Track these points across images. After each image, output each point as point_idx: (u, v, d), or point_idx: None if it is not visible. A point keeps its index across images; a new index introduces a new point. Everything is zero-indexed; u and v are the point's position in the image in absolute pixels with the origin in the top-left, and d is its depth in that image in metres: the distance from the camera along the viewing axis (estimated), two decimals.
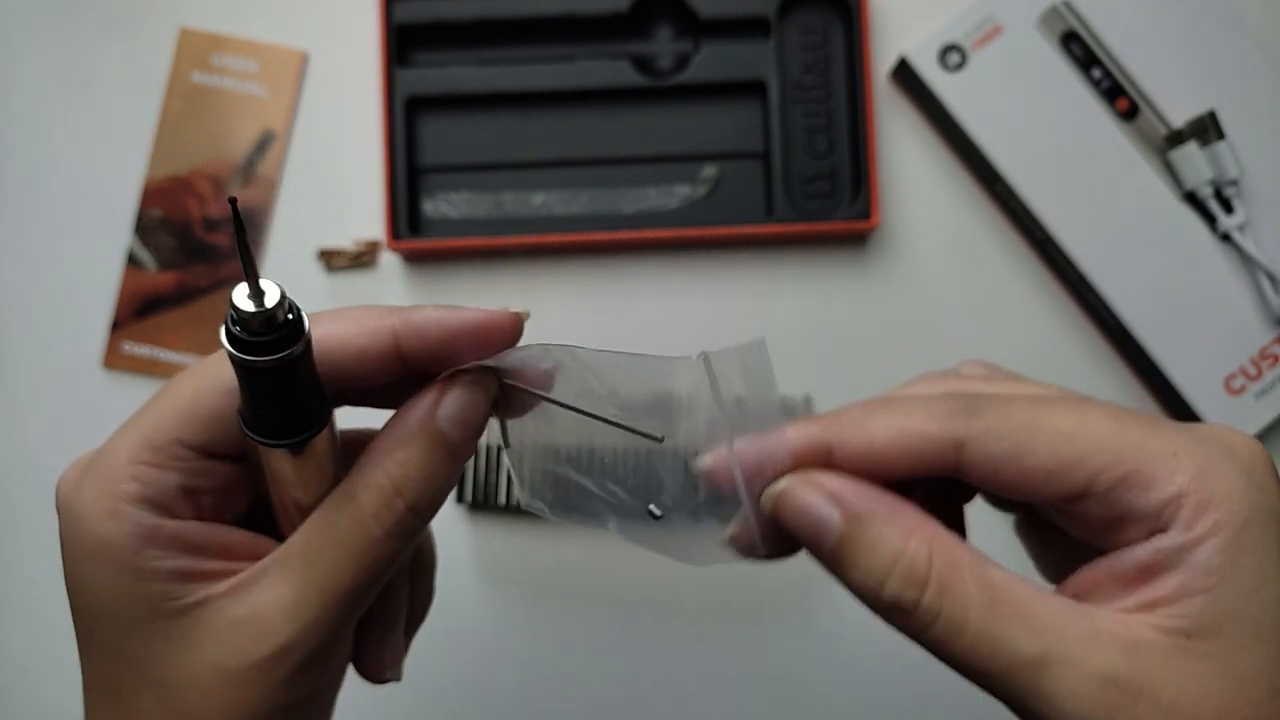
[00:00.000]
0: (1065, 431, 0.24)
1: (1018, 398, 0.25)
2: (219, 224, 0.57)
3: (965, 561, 0.24)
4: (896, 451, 0.25)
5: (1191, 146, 0.53)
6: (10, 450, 0.57)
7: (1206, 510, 0.23)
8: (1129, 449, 0.23)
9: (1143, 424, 0.24)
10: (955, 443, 0.24)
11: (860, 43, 0.54)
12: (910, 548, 0.24)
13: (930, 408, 0.25)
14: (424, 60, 0.56)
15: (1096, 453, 0.23)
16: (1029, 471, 0.24)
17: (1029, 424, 0.24)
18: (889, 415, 0.25)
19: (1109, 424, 0.24)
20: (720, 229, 0.54)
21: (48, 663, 0.56)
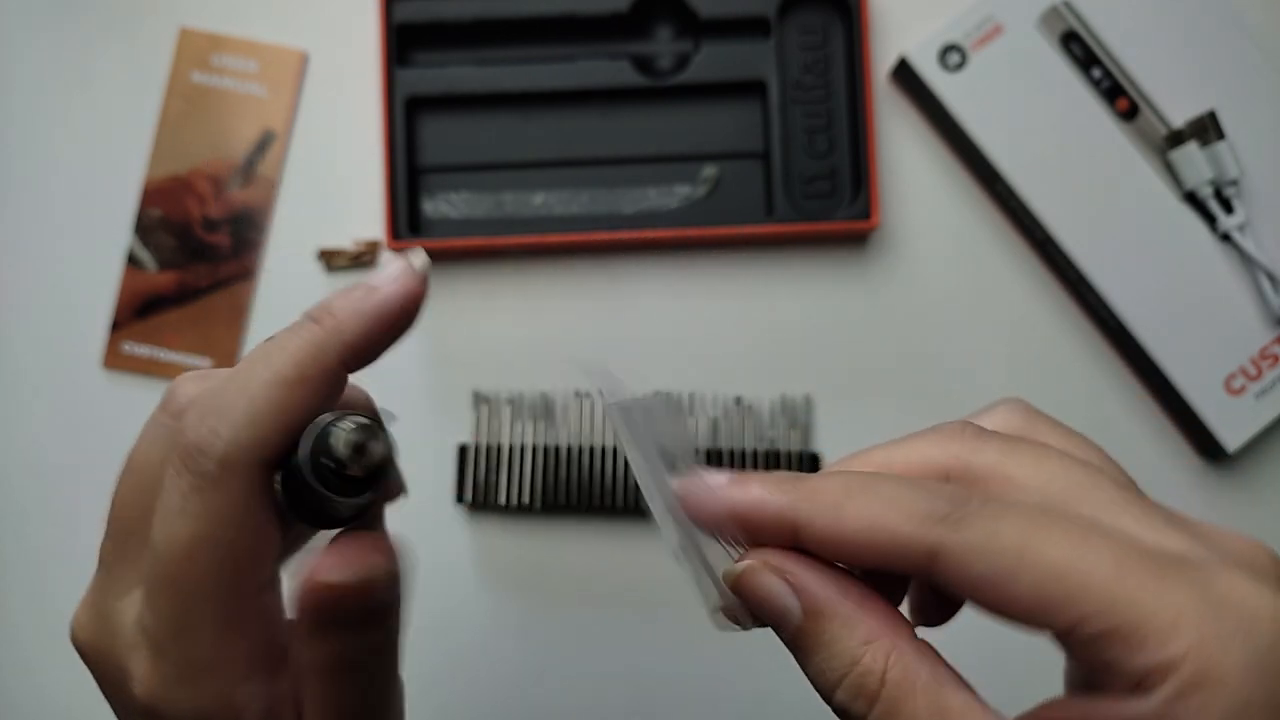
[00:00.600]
0: (1056, 566, 0.21)
1: (1018, 509, 0.22)
2: (219, 224, 0.57)
3: (922, 682, 0.22)
4: (865, 546, 0.22)
5: (1191, 146, 0.53)
6: (10, 450, 0.57)
7: (1199, 688, 0.20)
8: (1123, 601, 0.20)
9: (1152, 569, 0.21)
10: (929, 553, 0.22)
11: (860, 43, 0.54)
12: (866, 659, 0.22)
13: (912, 505, 0.22)
14: (424, 60, 0.56)
15: (1085, 598, 0.20)
16: (1005, 601, 0.21)
17: (1017, 549, 0.21)
18: (866, 503, 0.22)
19: (1109, 565, 0.21)
20: (720, 229, 0.54)
21: (51, 662, 0.56)
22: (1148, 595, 0.20)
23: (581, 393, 0.55)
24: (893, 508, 0.22)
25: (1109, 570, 0.21)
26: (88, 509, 0.56)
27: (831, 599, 0.23)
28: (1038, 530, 0.21)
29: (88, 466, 0.56)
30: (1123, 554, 0.21)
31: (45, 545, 0.56)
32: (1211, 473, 0.55)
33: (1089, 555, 0.21)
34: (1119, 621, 0.20)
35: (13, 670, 0.56)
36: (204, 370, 0.28)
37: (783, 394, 0.55)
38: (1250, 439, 0.53)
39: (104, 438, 0.57)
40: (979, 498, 0.22)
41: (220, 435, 0.25)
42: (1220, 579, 0.21)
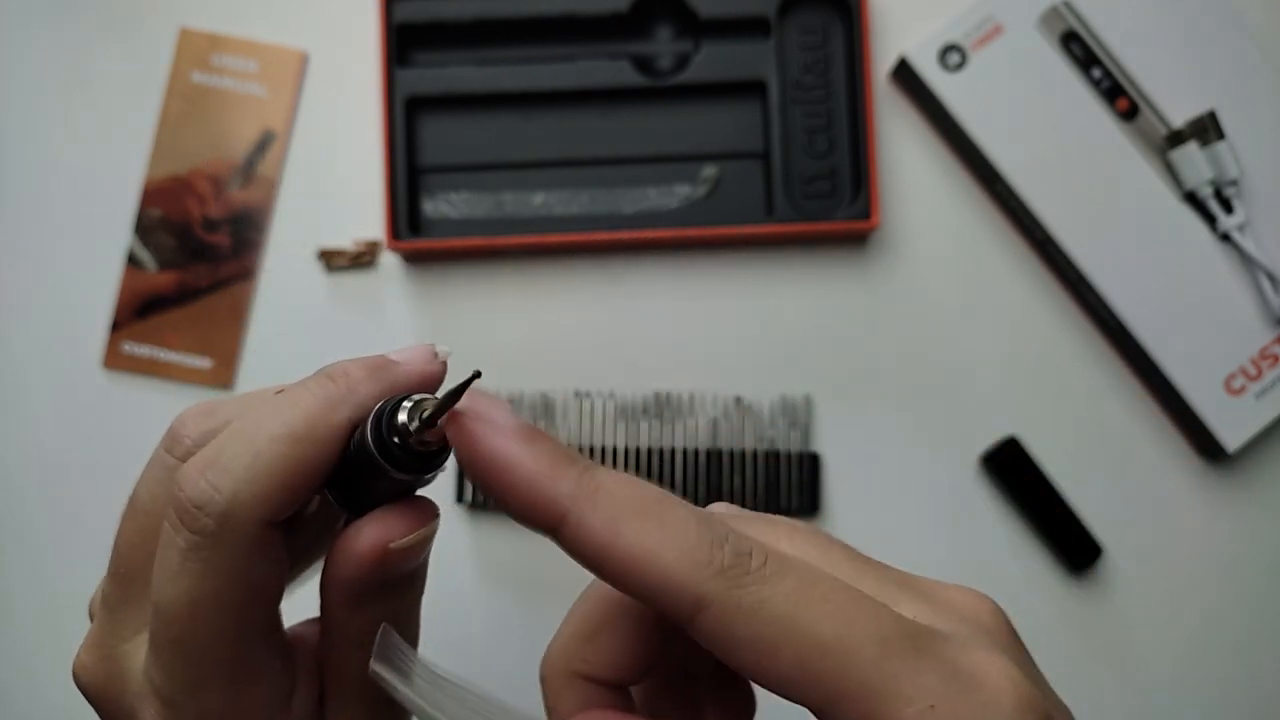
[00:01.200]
0: (822, 643, 0.20)
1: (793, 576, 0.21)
2: (219, 224, 0.57)
3: None
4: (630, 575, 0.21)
5: (1191, 146, 0.53)
6: (11, 450, 0.57)
7: None
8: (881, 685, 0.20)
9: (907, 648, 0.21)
10: (696, 602, 0.21)
11: (860, 43, 0.54)
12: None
13: (695, 549, 0.21)
14: (424, 60, 0.56)
15: (845, 678, 0.20)
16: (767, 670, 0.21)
17: (787, 618, 0.20)
18: (646, 528, 0.21)
19: (872, 645, 0.20)
20: (720, 229, 0.54)
21: (52, 661, 0.56)
22: (904, 679, 0.20)
23: (581, 393, 0.55)
24: (672, 543, 0.21)
25: (870, 650, 0.20)
26: (88, 509, 0.56)
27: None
28: (808, 600, 0.21)
29: (88, 466, 0.57)
30: (884, 630, 0.21)
31: (46, 545, 0.56)
32: (1211, 473, 0.55)
33: (853, 632, 0.20)
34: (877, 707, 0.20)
35: (13, 670, 0.56)
36: (209, 404, 0.27)
37: (783, 394, 0.55)
38: (1250, 439, 0.53)
39: (104, 438, 0.57)
40: (760, 554, 0.21)
41: (221, 492, 0.23)
42: (965, 656, 0.21)
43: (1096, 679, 0.54)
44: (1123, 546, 0.55)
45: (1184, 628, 0.55)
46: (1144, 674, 0.54)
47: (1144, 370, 0.54)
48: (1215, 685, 0.54)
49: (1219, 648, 0.55)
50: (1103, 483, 0.55)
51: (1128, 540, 0.55)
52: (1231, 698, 0.54)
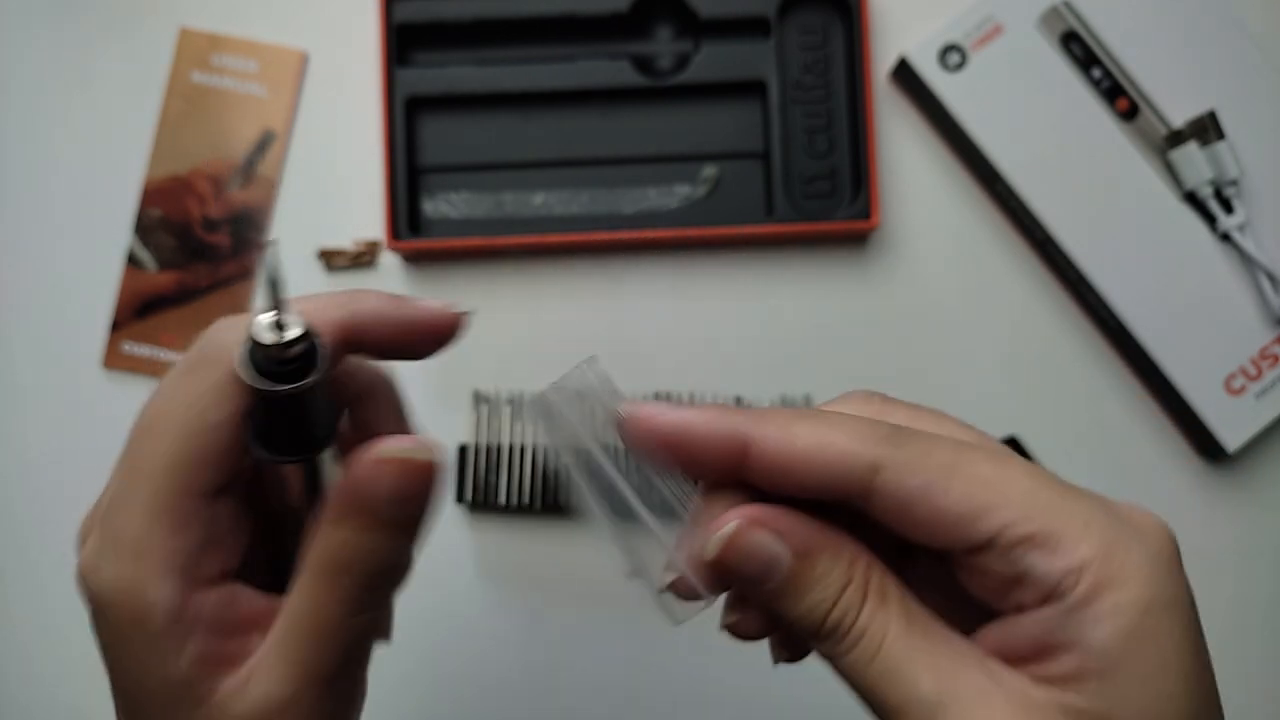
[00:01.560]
0: (983, 478, 0.23)
1: (943, 438, 0.24)
2: (219, 224, 0.57)
3: (893, 591, 0.24)
4: (814, 463, 0.24)
5: (1191, 146, 0.53)
6: (11, 450, 0.57)
7: (1107, 588, 0.22)
8: (1041, 508, 0.23)
9: (1061, 489, 0.23)
10: (872, 466, 0.23)
11: (860, 43, 0.54)
12: (855, 575, 0.24)
13: (857, 426, 0.24)
14: (424, 60, 0.56)
15: (1008, 505, 0.23)
16: (939, 512, 0.23)
17: (949, 464, 0.23)
18: (814, 424, 0.24)
19: (1026, 480, 0.23)
20: (720, 229, 0.54)
21: (53, 660, 0.56)
22: (1063, 504, 0.23)
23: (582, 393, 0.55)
24: (839, 428, 0.24)
25: (1028, 484, 0.23)
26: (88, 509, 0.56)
27: (815, 535, 0.24)
28: (966, 451, 0.24)
29: (88, 466, 0.56)
30: (1038, 475, 0.24)
31: (45, 545, 0.56)
32: (1211, 473, 0.55)
33: (1010, 473, 0.23)
34: (1039, 526, 0.23)
35: (13, 669, 0.56)
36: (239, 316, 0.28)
37: (783, 394, 0.55)
38: (1250, 439, 0.53)
39: (104, 438, 0.57)
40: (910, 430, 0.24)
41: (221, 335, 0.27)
42: (1114, 504, 0.24)
43: None
44: None
45: None
46: None
47: (1144, 370, 0.54)
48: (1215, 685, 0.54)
49: (1219, 647, 0.54)
50: (1103, 483, 0.54)
51: None
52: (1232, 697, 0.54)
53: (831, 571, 0.24)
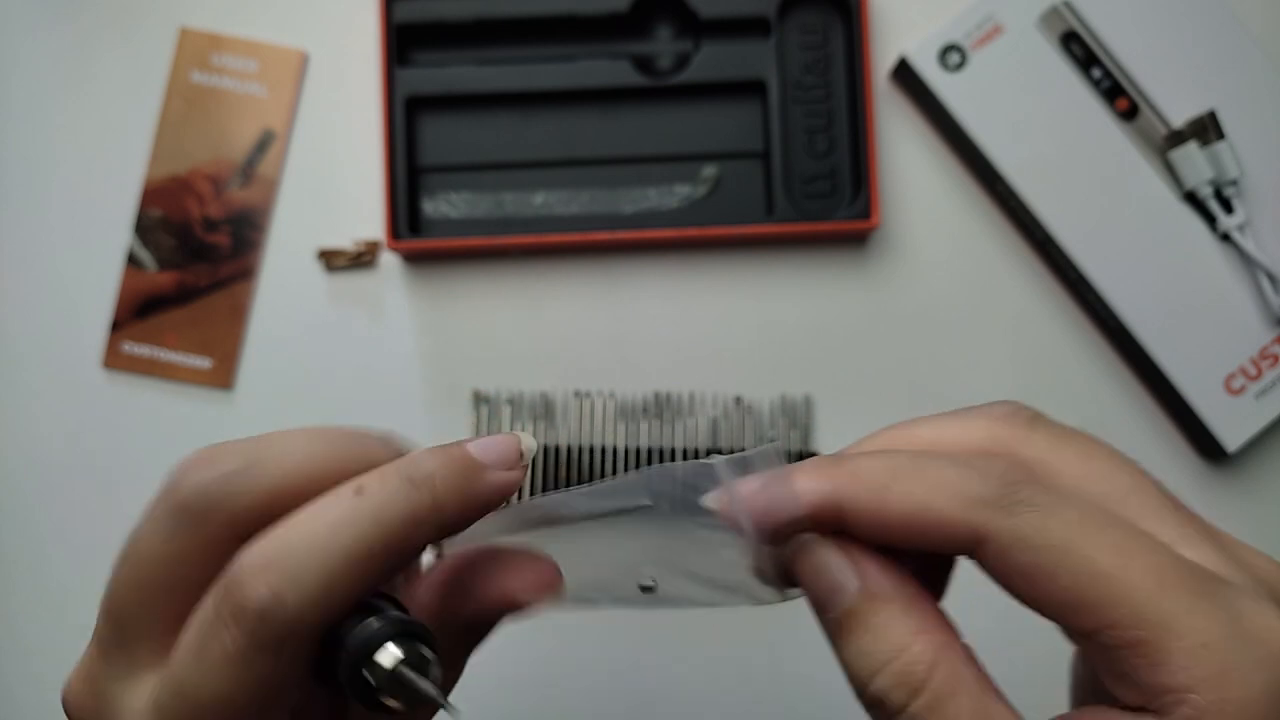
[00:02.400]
0: (1097, 570, 0.21)
1: (1070, 501, 0.22)
2: (219, 224, 0.57)
3: (969, 683, 0.22)
4: (912, 529, 0.22)
5: (1191, 146, 0.53)
6: (11, 450, 0.57)
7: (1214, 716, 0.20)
8: (1155, 616, 0.20)
9: (1185, 588, 0.21)
10: (975, 537, 0.22)
11: (860, 43, 0.54)
12: (916, 648, 0.22)
13: (964, 483, 0.22)
14: (424, 60, 0.56)
15: (1120, 606, 0.21)
16: (1043, 595, 0.21)
17: (1062, 546, 0.21)
18: (912, 485, 0.22)
19: (1148, 577, 0.21)
20: (720, 229, 0.54)
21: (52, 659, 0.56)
22: (1180, 615, 0.20)
23: (581, 393, 0.55)
24: (940, 490, 0.22)
25: (1148, 582, 0.21)
26: (89, 508, 0.57)
27: (890, 584, 0.23)
28: (1085, 530, 0.21)
29: (88, 466, 0.57)
30: (1163, 568, 0.21)
31: (45, 545, 0.56)
32: (1211, 473, 0.55)
33: (1132, 564, 0.21)
34: (1147, 636, 0.20)
35: (14, 669, 0.56)
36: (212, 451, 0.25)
37: (783, 394, 0.55)
38: (1250, 439, 0.53)
39: (104, 438, 0.57)
40: (1029, 484, 0.22)
41: (286, 604, 0.22)
42: (1250, 608, 0.21)
43: None
44: None
45: None
46: None
47: (1144, 370, 0.54)
48: None
49: None
50: None
51: None
52: None
53: (892, 627, 0.22)
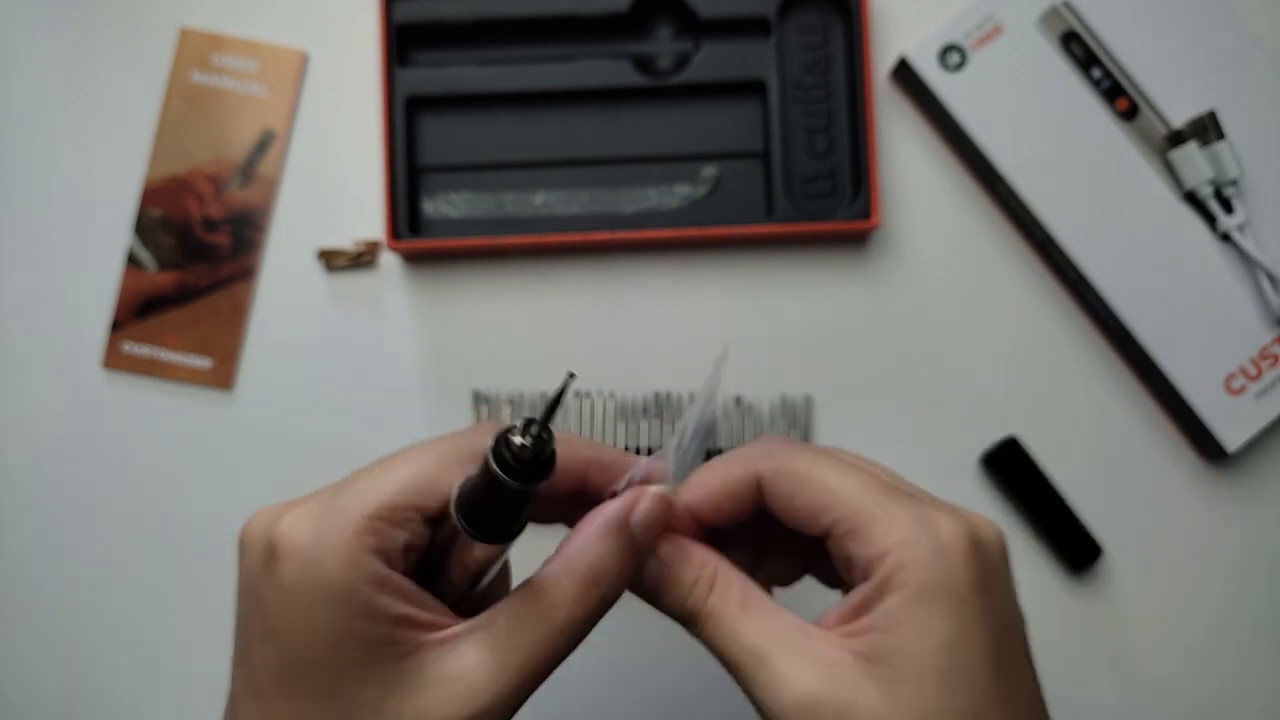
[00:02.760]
0: (825, 485, 0.31)
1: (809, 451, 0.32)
2: (219, 224, 0.57)
3: (735, 582, 0.32)
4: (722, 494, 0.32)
5: (1191, 146, 0.53)
6: (11, 450, 0.57)
7: (898, 571, 0.29)
8: (861, 510, 0.30)
9: (886, 494, 0.30)
10: (756, 478, 0.32)
11: (860, 43, 0.54)
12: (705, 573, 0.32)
13: (743, 454, 0.33)
14: (424, 60, 0.56)
15: (838, 506, 0.30)
16: (797, 509, 0.31)
17: (805, 472, 0.31)
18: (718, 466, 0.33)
19: (856, 487, 0.30)
20: (720, 229, 0.54)
21: (52, 657, 0.56)
22: (879, 507, 0.30)
23: (581, 393, 0.55)
24: (732, 460, 0.33)
25: (857, 490, 0.30)
26: (89, 508, 0.57)
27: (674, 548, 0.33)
28: (818, 462, 0.31)
29: (88, 466, 0.57)
30: (869, 483, 0.31)
31: (45, 544, 0.56)
32: (1211, 473, 0.55)
33: (847, 481, 0.31)
34: (856, 524, 0.30)
35: (11, 669, 0.56)
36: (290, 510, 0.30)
37: (783, 394, 0.55)
38: (1250, 439, 0.53)
39: (104, 438, 0.57)
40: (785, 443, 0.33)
41: None
42: (932, 512, 0.30)
43: (1096, 679, 0.54)
44: (1123, 546, 0.55)
45: (1184, 628, 0.55)
46: (1144, 674, 0.54)
47: (1144, 370, 0.54)
48: (1215, 685, 0.54)
49: (1219, 647, 0.55)
50: (1103, 483, 0.55)
51: (1128, 540, 0.55)
52: (1232, 697, 0.54)
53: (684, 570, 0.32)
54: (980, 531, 0.30)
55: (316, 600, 0.28)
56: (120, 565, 0.56)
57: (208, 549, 0.49)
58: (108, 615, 0.56)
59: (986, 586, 0.29)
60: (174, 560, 0.56)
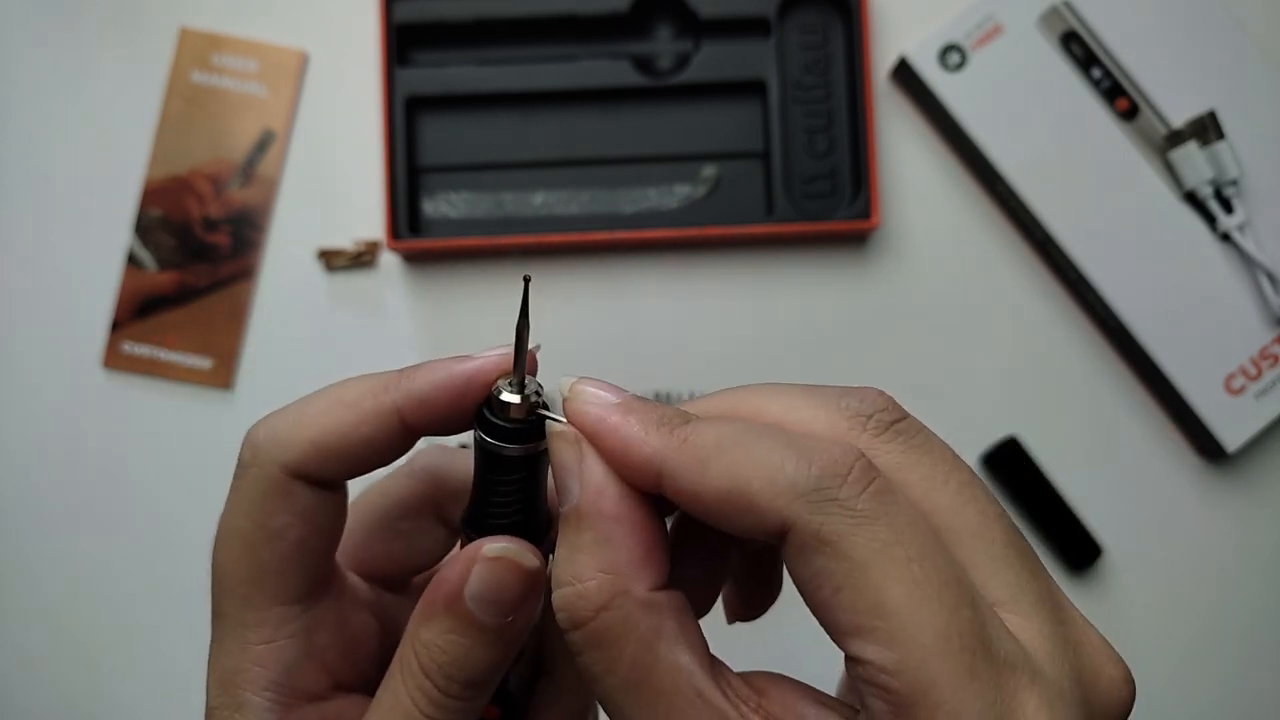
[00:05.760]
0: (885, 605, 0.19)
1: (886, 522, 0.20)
2: (219, 224, 0.57)
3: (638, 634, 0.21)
4: (724, 508, 0.21)
5: (1191, 146, 0.53)
6: (11, 449, 0.57)
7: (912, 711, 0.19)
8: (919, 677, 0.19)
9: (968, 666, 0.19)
10: (782, 525, 0.21)
11: (860, 43, 0.54)
12: (591, 585, 0.22)
13: (781, 471, 0.21)
14: (424, 60, 0.56)
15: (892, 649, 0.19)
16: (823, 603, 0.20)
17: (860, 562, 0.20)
18: (734, 461, 0.21)
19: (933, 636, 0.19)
20: (720, 229, 0.54)
21: (52, 657, 0.56)
22: (947, 686, 0.19)
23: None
24: (760, 471, 0.20)
25: (928, 636, 0.19)
26: (89, 507, 0.57)
27: (602, 510, 0.22)
28: (890, 555, 0.20)
29: (88, 466, 0.57)
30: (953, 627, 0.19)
31: (45, 544, 0.56)
32: (1211, 473, 0.55)
33: (922, 610, 0.19)
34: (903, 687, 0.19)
35: (13, 668, 0.56)
36: None
37: None
38: (1250, 439, 0.53)
39: (104, 438, 0.57)
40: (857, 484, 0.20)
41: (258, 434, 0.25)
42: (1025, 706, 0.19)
43: None
44: (1123, 546, 0.55)
45: (1184, 627, 0.54)
46: (1143, 673, 0.54)
47: (1144, 370, 0.54)
48: (1215, 684, 0.54)
49: (1219, 647, 0.55)
50: (1103, 483, 0.55)
51: (1128, 540, 0.55)
52: (1231, 696, 0.54)
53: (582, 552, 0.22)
54: None
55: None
56: (120, 564, 0.56)
57: (207, 548, 0.49)
58: (107, 614, 0.56)
59: None
60: (174, 560, 0.56)
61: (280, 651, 0.25)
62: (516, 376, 0.24)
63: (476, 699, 0.25)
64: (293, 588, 0.26)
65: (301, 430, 0.25)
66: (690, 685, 0.21)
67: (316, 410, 0.25)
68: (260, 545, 0.25)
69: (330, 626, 0.26)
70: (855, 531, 0.20)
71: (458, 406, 0.25)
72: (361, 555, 0.29)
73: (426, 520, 0.30)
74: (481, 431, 0.24)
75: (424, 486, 0.29)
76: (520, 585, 0.24)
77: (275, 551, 0.25)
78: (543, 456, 0.24)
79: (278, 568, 0.25)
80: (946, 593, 0.20)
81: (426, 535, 0.30)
